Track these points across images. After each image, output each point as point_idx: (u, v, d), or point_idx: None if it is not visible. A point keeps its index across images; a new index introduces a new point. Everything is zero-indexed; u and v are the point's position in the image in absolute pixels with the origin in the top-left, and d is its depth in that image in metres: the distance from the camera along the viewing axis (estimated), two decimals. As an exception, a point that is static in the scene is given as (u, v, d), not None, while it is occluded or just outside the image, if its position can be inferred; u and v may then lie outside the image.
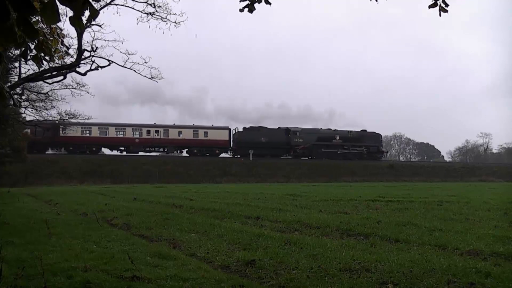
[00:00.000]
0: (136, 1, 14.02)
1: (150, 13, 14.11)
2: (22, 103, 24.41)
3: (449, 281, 4.92)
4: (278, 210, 11.94)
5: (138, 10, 14.16)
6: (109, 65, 14.38)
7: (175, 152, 56.11)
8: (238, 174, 49.38)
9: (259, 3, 4.83)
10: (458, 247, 6.58)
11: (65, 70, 13.55)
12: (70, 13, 2.40)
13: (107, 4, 13.88)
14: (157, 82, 15.25)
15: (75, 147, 51.08)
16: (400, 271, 5.31)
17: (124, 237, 8.34)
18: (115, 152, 52.59)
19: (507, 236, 7.21)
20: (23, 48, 3.21)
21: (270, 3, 4.84)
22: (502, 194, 19.38)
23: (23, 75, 14.65)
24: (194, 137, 54.46)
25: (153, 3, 14.00)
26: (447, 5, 4.77)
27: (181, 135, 54.10)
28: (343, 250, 6.59)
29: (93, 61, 14.40)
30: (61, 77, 15.38)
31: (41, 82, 18.32)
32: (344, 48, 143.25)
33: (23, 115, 28.19)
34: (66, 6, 2.37)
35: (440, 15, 4.82)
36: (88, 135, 51.42)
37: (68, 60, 12.52)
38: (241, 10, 4.87)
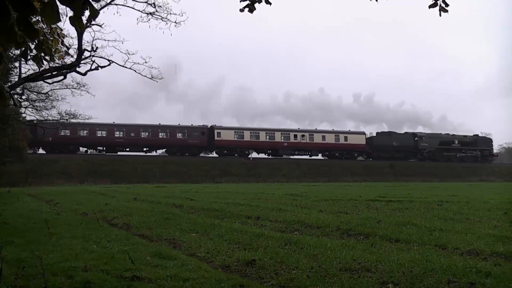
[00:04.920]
0: (136, 1, 14.01)
1: (150, 13, 14.09)
2: (22, 103, 24.45)
3: (449, 281, 4.92)
4: (278, 210, 11.93)
5: (138, 10, 14.15)
6: (109, 65, 14.35)
7: (319, 155, 58.62)
8: (238, 174, 49.36)
9: (259, 3, 4.82)
10: (458, 247, 6.58)
11: (65, 70, 13.52)
12: (70, 13, 2.40)
13: (107, 4, 13.87)
14: (157, 82, 15.23)
15: (229, 151, 53.28)
16: (400, 271, 5.31)
17: (124, 237, 8.34)
18: (114, 152, 52.66)
19: (507, 236, 7.20)
20: (23, 48, 3.21)
21: (270, 3, 4.83)
22: (502, 194, 19.36)
23: (23, 75, 14.62)
24: (335, 141, 57.10)
25: (153, 3, 13.98)
26: (447, 5, 4.77)
27: (324, 139, 56.48)
28: (343, 250, 6.59)
29: (93, 61, 14.37)
30: (61, 77, 15.34)
31: (41, 82, 18.30)
32: (337, 47, 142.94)
33: (23, 115, 28.23)
34: (66, 6, 2.37)
35: (440, 15, 4.81)
36: (241, 139, 53.40)
37: (68, 60, 12.49)
38: (241, 10, 4.86)
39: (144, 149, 52.99)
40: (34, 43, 3.96)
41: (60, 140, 47.97)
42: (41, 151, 50.20)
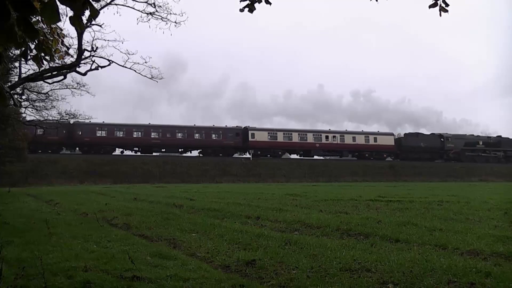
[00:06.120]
0: (136, 1, 14.02)
1: (150, 13, 14.11)
2: (22, 103, 24.45)
3: (449, 281, 4.92)
4: (278, 210, 11.93)
5: (138, 10, 14.16)
6: (109, 65, 14.36)
7: (350, 156, 59.22)
8: (238, 174, 49.37)
9: (259, 3, 4.81)
10: (458, 247, 6.58)
11: (65, 70, 13.53)
12: (70, 13, 2.40)
13: (107, 4, 13.88)
14: (157, 82, 15.25)
15: (262, 151, 54.23)
16: (400, 271, 5.31)
17: (124, 237, 8.34)
18: (117, 152, 52.87)
19: (507, 236, 7.20)
20: (23, 48, 3.21)
21: (270, 3, 4.83)
22: (502, 194, 19.37)
23: (23, 75, 14.63)
24: (365, 142, 57.95)
25: (153, 3, 13.99)
26: (447, 5, 4.76)
27: (355, 140, 57.41)
28: (343, 250, 6.59)
29: (93, 61, 14.38)
30: (61, 77, 15.37)
31: (41, 82, 18.34)
32: (334, 48, 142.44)
33: (23, 115, 28.24)
34: (66, 6, 2.37)
35: (440, 15, 4.81)
36: (274, 140, 54.37)
37: (68, 60, 12.50)
38: (241, 10, 4.85)
39: (180, 149, 53.81)
40: (34, 43, 3.96)
41: (97, 140, 48.73)
42: (77, 151, 51.32)
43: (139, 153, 52.39)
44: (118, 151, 52.65)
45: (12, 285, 4.71)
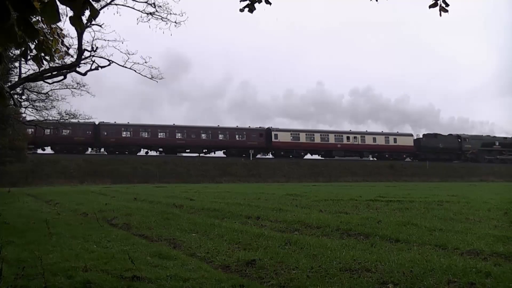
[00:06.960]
0: (136, 1, 14.03)
1: (151, 13, 14.12)
2: (22, 103, 24.47)
3: (449, 281, 4.92)
4: (278, 210, 11.93)
5: (138, 10, 14.17)
6: (109, 65, 14.36)
7: (370, 156, 60.07)
8: (238, 174, 49.38)
9: (259, 3, 4.82)
10: (458, 247, 6.58)
11: (65, 70, 13.54)
12: (70, 13, 2.40)
13: (107, 4, 13.88)
14: (157, 82, 15.27)
15: (285, 152, 54.81)
16: (400, 271, 5.30)
17: (124, 237, 8.34)
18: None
19: (507, 236, 7.20)
20: (23, 48, 3.21)
21: (270, 3, 4.83)
22: (502, 194, 19.37)
23: (23, 75, 14.65)
24: (385, 143, 58.65)
25: (153, 3, 14.00)
26: (447, 5, 4.76)
27: (375, 141, 58.11)
28: (343, 250, 6.59)
29: (93, 61, 14.39)
30: (61, 77, 15.37)
31: (41, 82, 18.34)
32: (334, 48, 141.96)
33: (23, 115, 28.26)
34: (66, 6, 2.37)
35: (440, 15, 4.81)
36: (297, 141, 55.01)
37: (68, 60, 12.50)
38: (241, 10, 4.85)
39: (204, 150, 54.30)
40: (34, 43, 3.96)
41: (122, 141, 49.29)
42: (103, 151, 51.98)
43: (163, 154, 52.74)
44: (142, 152, 53.11)
45: (12, 285, 4.71)
